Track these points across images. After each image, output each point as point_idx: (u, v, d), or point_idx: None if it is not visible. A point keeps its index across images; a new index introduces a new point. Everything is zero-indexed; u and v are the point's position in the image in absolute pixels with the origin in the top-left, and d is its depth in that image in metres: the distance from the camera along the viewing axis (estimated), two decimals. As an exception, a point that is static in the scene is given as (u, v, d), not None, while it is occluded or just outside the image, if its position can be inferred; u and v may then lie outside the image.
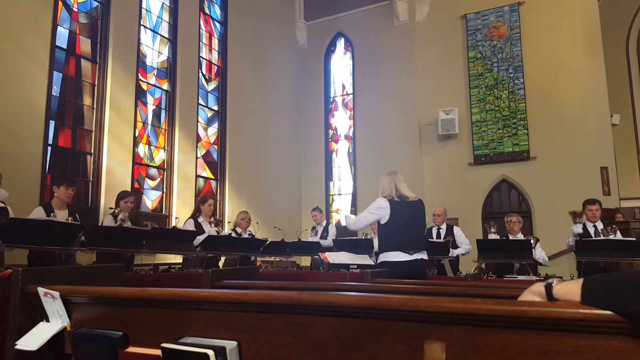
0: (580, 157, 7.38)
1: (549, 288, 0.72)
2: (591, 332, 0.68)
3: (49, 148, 5.23)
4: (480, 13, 8.42)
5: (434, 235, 4.84)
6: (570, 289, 0.69)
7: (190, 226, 4.29)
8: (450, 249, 4.54)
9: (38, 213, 3.31)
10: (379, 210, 3.12)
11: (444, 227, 4.88)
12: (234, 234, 4.77)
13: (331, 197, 9.42)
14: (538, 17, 8.00)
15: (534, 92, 7.88)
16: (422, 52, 8.73)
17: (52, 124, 5.28)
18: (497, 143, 8.06)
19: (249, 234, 4.93)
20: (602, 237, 3.92)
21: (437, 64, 8.59)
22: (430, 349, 0.77)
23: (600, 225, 4.26)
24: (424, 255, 3.18)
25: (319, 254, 4.05)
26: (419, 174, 8.38)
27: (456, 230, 4.88)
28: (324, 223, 6.05)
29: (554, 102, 7.71)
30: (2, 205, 3.31)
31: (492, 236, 4.36)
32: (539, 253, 4.13)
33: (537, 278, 3.77)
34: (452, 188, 8.09)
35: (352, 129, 9.37)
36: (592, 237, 4.12)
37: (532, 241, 4.01)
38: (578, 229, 4.36)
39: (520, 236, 4.40)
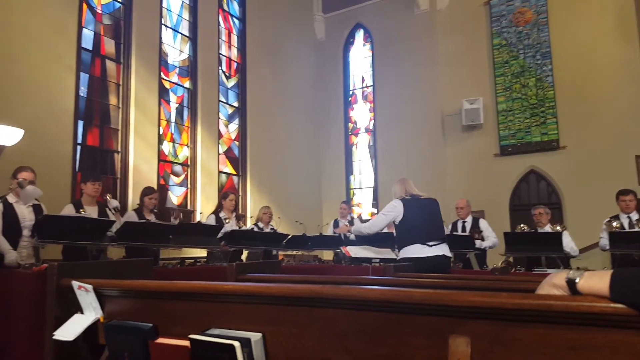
0: (614, 146, 7.07)
1: (571, 283, 0.69)
2: (624, 327, 0.65)
3: (79, 147, 5.43)
4: (505, -2, 8.15)
5: (459, 229, 4.76)
6: (595, 284, 0.66)
7: (211, 221, 4.39)
8: (479, 242, 4.47)
9: (68, 210, 3.44)
10: (393, 210, 3.19)
11: (469, 220, 4.79)
12: (256, 229, 4.84)
13: (352, 191, 9.39)
14: (566, 0, 7.67)
15: (563, 79, 7.58)
16: (444, 40, 8.52)
17: (80, 124, 5.46)
18: (524, 132, 7.82)
19: (270, 229, 4.99)
20: (636, 229, 3.75)
21: (460, 53, 8.37)
22: (454, 343, 0.76)
23: (635, 217, 4.08)
24: (445, 251, 3.15)
25: (341, 247, 4.06)
26: (442, 166, 8.24)
27: (482, 223, 4.77)
28: (349, 217, 6.04)
29: (584, 89, 7.40)
30: (37, 202, 3.46)
31: None
32: (567, 242, 3.95)
33: (567, 271, 3.64)
34: (477, 180, 7.91)
35: (372, 122, 9.28)
36: (626, 229, 3.95)
37: (558, 228, 3.87)
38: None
39: (548, 228, 4.27)
